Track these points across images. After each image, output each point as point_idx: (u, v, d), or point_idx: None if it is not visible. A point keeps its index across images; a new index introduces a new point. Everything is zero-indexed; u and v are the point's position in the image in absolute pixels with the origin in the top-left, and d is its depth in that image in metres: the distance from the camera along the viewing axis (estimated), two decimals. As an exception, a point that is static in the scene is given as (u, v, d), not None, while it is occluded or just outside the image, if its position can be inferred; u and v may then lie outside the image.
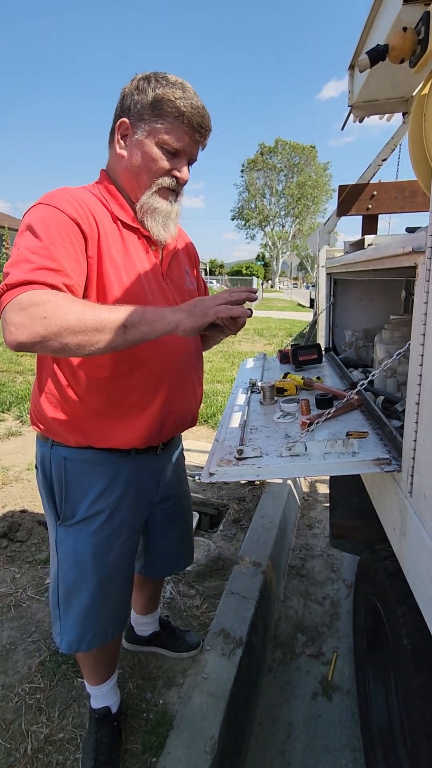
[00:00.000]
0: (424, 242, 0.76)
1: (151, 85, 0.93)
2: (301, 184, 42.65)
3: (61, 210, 0.87)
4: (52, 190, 0.94)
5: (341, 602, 2.10)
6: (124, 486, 1.08)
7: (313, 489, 3.25)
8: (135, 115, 0.95)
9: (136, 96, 0.94)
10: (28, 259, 0.80)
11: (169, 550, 1.36)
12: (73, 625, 1.12)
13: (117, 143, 0.99)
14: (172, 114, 0.94)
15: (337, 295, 2.27)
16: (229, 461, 0.99)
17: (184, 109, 0.93)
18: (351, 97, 1.87)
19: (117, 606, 1.17)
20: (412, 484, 0.85)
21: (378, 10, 1.31)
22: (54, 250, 0.83)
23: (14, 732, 1.32)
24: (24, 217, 0.90)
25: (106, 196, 1.00)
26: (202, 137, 1.00)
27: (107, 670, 1.28)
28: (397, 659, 1.00)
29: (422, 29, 0.93)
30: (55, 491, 1.07)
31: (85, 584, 1.09)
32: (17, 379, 5.37)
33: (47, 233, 0.84)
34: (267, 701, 1.63)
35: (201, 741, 1.29)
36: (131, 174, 0.99)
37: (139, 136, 0.96)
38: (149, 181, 0.98)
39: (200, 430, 3.96)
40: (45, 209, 0.87)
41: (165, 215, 1.01)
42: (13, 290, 0.77)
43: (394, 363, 1.09)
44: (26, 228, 0.86)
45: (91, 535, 1.07)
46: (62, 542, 1.09)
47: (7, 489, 2.77)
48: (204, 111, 0.97)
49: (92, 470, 1.05)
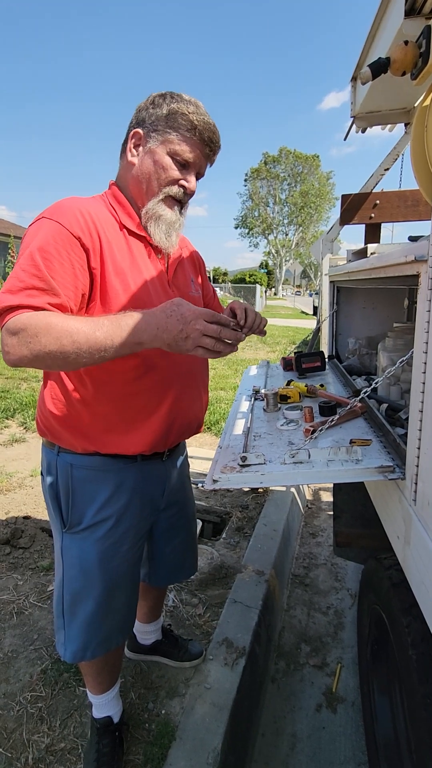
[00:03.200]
0: (426, 251, 0.77)
1: (166, 100, 0.98)
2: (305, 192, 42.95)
3: (62, 225, 0.89)
4: (59, 201, 0.96)
5: (345, 612, 2.08)
6: (130, 492, 1.08)
7: (316, 497, 3.23)
8: (149, 126, 0.99)
9: (151, 109, 0.99)
10: (19, 277, 0.86)
11: (173, 558, 1.35)
12: (78, 634, 1.11)
13: (129, 151, 1.02)
14: (185, 126, 0.98)
15: (340, 303, 2.28)
16: (233, 468, 0.99)
17: (197, 123, 0.98)
18: (353, 108, 1.90)
19: (121, 614, 1.17)
20: (416, 491, 0.85)
21: (380, 24, 1.33)
22: (46, 268, 0.86)
23: (15, 741, 1.31)
24: (27, 230, 0.93)
25: (114, 204, 1.02)
26: (211, 152, 1.04)
27: (110, 679, 1.27)
28: (402, 670, 0.99)
29: (423, 42, 0.95)
30: (61, 498, 1.07)
31: (90, 592, 1.09)
32: (21, 385, 5.40)
33: (44, 251, 0.87)
34: (270, 712, 1.61)
35: (203, 752, 1.28)
36: (140, 180, 1.01)
37: (151, 145, 0.99)
38: (157, 189, 1.00)
39: (203, 437, 3.95)
40: (47, 225, 0.89)
41: (169, 224, 1.03)
42: (4, 316, 0.84)
43: (397, 371, 1.09)
44: (26, 244, 0.89)
45: (97, 542, 1.07)
46: (68, 550, 1.08)
47: (11, 495, 2.78)
48: (215, 128, 1.02)
49: (98, 477, 1.05)
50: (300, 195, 43.19)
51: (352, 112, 1.92)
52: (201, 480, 2.81)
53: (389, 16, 1.23)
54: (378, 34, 1.38)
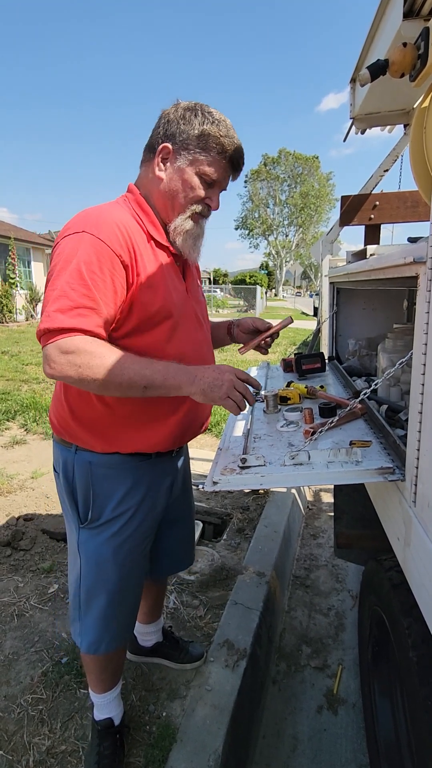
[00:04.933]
0: (425, 253, 0.77)
1: (198, 119, 1.00)
2: (305, 194, 42.92)
3: (104, 242, 0.91)
4: (94, 212, 0.96)
5: (346, 613, 2.08)
6: (145, 488, 1.12)
7: (317, 498, 3.23)
8: (179, 143, 1.01)
9: (183, 125, 1.00)
10: (69, 296, 0.88)
11: (174, 549, 1.38)
12: (93, 626, 1.15)
13: (156, 165, 1.03)
14: (215, 149, 1.01)
15: (340, 304, 2.28)
16: (233, 470, 1.00)
17: (228, 147, 1.01)
18: (353, 109, 1.90)
19: (130, 608, 1.21)
20: (415, 493, 0.85)
21: (379, 26, 1.34)
22: (93, 286, 0.89)
23: (16, 744, 1.31)
24: (66, 242, 0.92)
25: (140, 214, 1.04)
26: (236, 173, 1.08)
27: (113, 678, 1.28)
28: (402, 672, 0.99)
29: (422, 44, 0.95)
30: (78, 495, 1.10)
31: (105, 585, 1.12)
32: (22, 387, 5.41)
33: (90, 268, 0.89)
34: (271, 714, 1.61)
35: (204, 755, 1.28)
36: (167, 196, 1.04)
37: (180, 163, 1.02)
38: (184, 206, 1.04)
39: (204, 438, 3.95)
40: (89, 240, 0.91)
41: (195, 237, 1.08)
42: (57, 335, 0.87)
43: (397, 372, 1.09)
44: (67, 258, 0.90)
45: (113, 537, 1.10)
46: (85, 544, 1.11)
47: (12, 497, 2.78)
48: (242, 151, 1.06)
49: (117, 474, 1.09)
50: (300, 196, 43.17)
51: (352, 114, 1.92)
52: (201, 481, 2.81)
53: (388, 18, 1.24)
54: (377, 36, 1.38)
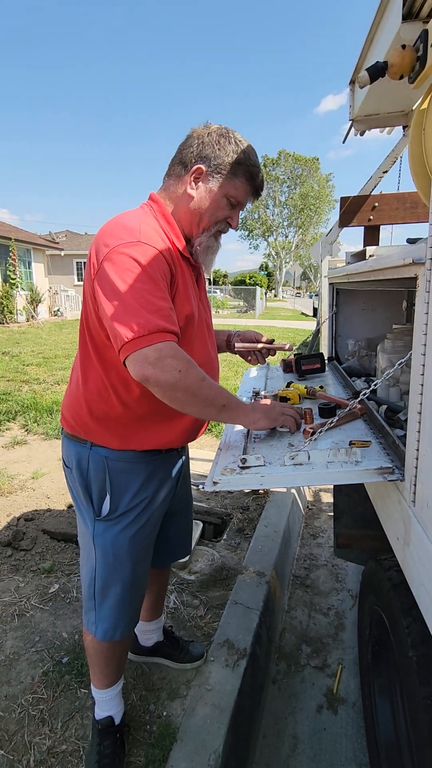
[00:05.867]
0: (424, 254, 0.77)
1: (232, 147, 1.08)
2: (304, 195, 42.91)
3: (158, 250, 0.98)
4: (137, 223, 1.01)
5: (346, 613, 2.08)
6: (158, 481, 1.18)
7: (317, 498, 3.23)
8: (213, 167, 1.08)
9: (217, 151, 1.07)
10: (150, 301, 0.93)
11: (174, 539, 1.42)
12: (108, 614, 1.19)
13: (189, 183, 1.09)
14: (245, 176, 1.09)
15: (339, 305, 2.29)
16: (233, 470, 1.00)
17: (255, 175, 1.11)
18: (352, 111, 1.91)
19: (140, 595, 1.26)
20: (415, 493, 0.85)
21: (378, 28, 1.34)
22: (165, 290, 0.97)
23: (17, 743, 1.31)
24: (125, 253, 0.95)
25: (166, 225, 1.09)
26: (257, 196, 1.17)
27: (116, 672, 1.29)
28: (402, 671, 0.99)
29: (421, 46, 0.95)
30: (93, 489, 1.14)
31: (121, 574, 1.17)
32: (23, 388, 5.41)
33: (155, 275, 0.96)
34: (271, 714, 1.61)
35: (205, 754, 1.28)
36: (195, 214, 1.10)
37: (212, 185, 1.09)
38: (210, 224, 1.11)
39: (204, 438, 3.95)
40: (149, 250, 0.97)
41: (215, 252, 1.16)
42: (154, 335, 0.91)
43: (396, 372, 1.10)
44: (135, 268, 0.94)
45: (128, 527, 1.15)
46: (100, 536, 1.15)
47: (12, 498, 2.78)
48: (263, 177, 1.16)
49: (133, 468, 1.14)
50: (300, 197, 43.16)
51: (351, 116, 1.93)
52: (201, 482, 2.81)
53: (387, 20, 1.24)
54: (376, 38, 1.39)
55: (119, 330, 0.91)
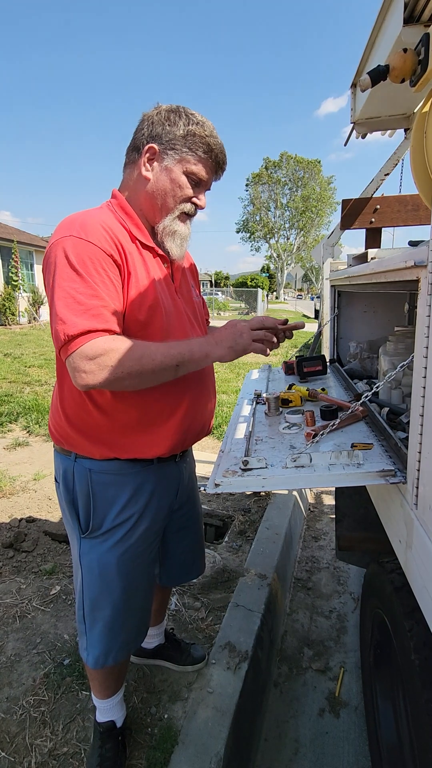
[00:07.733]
0: (426, 256, 0.77)
1: (183, 120, 1.01)
2: (306, 197, 42.99)
3: (95, 244, 0.92)
4: (78, 218, 0.96)
5: (348, 616, 2.07)
6: (148, 495, 1.11)
7: (318, 500, 3.22)
8: (165, 143, 1.02)
9: (167, 126, 1.01)
10: (78, 300, 0.89)
11: (184, 558, 1.37)
12: (99, 639, 1.13)
13: (143, 165, 1.03)
14: (201, 149, 1.03)
15: (341, 307, 2.29)
16: (235, 472, 1.00)
17: (213, 146, 1.04)
18: (353, 114, 1.91)
19: (138, 616, 1.19)
20: (417, 495, 0.85)
21: (379, 32, 1.35)
22: (98, 287, 0.91)
23: (18, 745, 1.31)
24: (55, 248, 0.92)
25: (124, 217, 1.04)
26: (221, 171, 1.11)
27: (116, 684, 1.28)
28: (404, 674, 0.99)
29: (422, 50, 0.96)
30: (79, 504, 1.08)
31: (109, 596, 1.11)
32: (24, 389, 5.42)
33: (87, 270, 0.90)
34: (273, 717, 1.61)
35: (206, 757, 1.28)
36: (155, 196, 1.04)
37: (168, 163, 1.02)
38: (173, 205, 1.05)
39: (205, 440, 3.95)
40: (80, 244, 0.91)
41: (182, 237, 1.09)
42: (76, 340, 0.87)
43: (398, 374, 1.10)
44: (65, 265, 0.90)
45: (115, 546, 1.08)
46: (86, 555, 1.10)
47: (14, 499, 2.78)
48: (225, 152, 1.09)
49: (118, 481, 1.07)
50: (301, 199, 43.22)
51: (352, 118, 1.93)
52: (203, 484, 2.81)
53: (388, 23, 1.25)
54: (377, 42, 1.39)
55: (54, 340, 0.91)
